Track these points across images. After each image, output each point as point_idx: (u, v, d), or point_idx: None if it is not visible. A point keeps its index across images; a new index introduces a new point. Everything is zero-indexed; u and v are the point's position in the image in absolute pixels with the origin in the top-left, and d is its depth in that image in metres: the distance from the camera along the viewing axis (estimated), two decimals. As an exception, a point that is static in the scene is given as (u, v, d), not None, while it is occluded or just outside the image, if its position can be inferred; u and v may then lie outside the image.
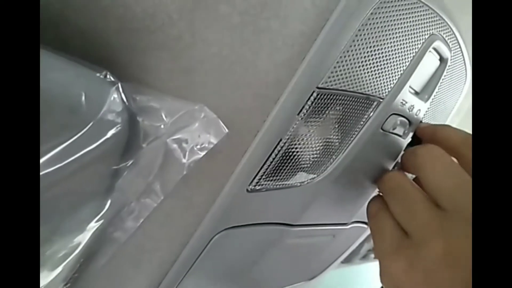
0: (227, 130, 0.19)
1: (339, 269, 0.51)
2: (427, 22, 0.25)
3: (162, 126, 0.19)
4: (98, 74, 0.16)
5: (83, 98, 0.14)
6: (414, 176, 0.29)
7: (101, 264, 0.23)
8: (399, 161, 0.30)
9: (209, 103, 0.19)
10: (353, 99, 0.24)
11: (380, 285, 0.26)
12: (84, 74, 0.15)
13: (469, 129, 0.35)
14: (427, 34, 0.26)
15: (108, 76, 0.16)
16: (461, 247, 0.21)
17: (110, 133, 0.16)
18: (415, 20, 0.24)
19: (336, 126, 0.25)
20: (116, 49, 0.17)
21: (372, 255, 0.57)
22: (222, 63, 0.19)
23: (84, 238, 0.20)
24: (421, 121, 0.31)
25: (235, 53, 0.19)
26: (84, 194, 0.18)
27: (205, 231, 0.24)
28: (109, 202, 0.20)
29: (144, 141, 0.20)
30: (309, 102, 0.22)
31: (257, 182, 0.24)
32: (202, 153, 0.20)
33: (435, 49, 0.27)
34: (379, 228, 0.27)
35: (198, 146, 0.20)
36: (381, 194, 0.29)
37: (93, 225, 0.20)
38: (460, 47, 0.30)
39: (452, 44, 0.28)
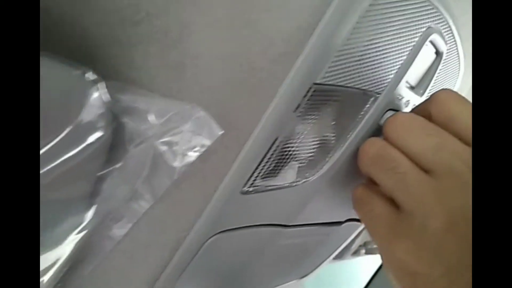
0: (221, 131, 0.18)
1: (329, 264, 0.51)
2: (425, 14, 0.24)
3: (150, 128, 0.18)
4: (77, 72, 0.14)
5: (59, 99, 0.13)
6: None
7: (86, 272, 0.22)
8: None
9: (201, 101, 0.18)
10: (350, 94, 0.23)
11: (366, 282, 0.25)
12: (60, 71, 0.14)
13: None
14: (425, 26, 0.25)
15: (89, 74, 0.15)
16: (460, 212, 0.20)
17: (92, 138, 0.15)
18: (413, 12, 0.23)
19: (333, 122, 0.24)
20: (99, 43, 0.16)
21: (363, 250, 0.56)
22: (214, 59, 0.18)
23: (67, 249, 0.19)
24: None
25: (227, 48, 0.18)
26: (66, 203, 0.17)
27: (197, 236, 0.23)
28: (93, 209, 0.18)
29: (131, 144, 0.18)
30: (306, 99, 0.21)
31: (251, 184, 0.23)
32: (195, 156, 0.18)
33: (431, 42, 0.27)
34: (371, 212, 0.24)
35: (190, 149, 0.18)
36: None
37: (76, 236, 0.18)
38: (455, 40, 0.29)
39: (447, 38, 0.28)
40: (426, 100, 0.25)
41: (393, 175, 0.23)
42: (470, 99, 0.39)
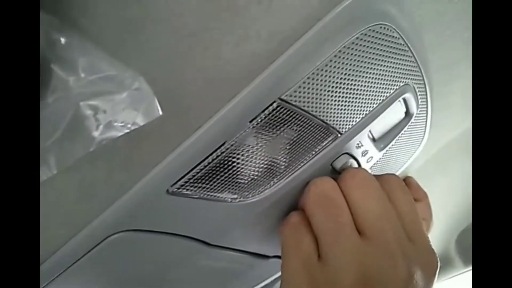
0: (161, 112, 0.15)
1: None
2: (406, 70, 0.24)
3: (77, 84, 0.15)
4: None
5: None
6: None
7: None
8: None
9: (147, 72, 0.15)
10: (313, 125, 0.22)
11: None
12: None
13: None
14: (402, 82, 0.24)
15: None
16: (374, 276, 0.21)
17: None
18: (396, 63, 0.22)
19: (287, 147, 0.23)
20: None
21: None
22: (179, 31, 0.16)
23: None
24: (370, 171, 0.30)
25: (198, 25, 0.16)
26: None
27: (101, 226, 0.19)
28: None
29: (51, 96, 0.15)
30: (266, 112, 0.19)
31: (182, 185, 0.20)
32: (121, 132, 0.16)
33: (404, 100, 0.26)
34: (299, 243, 0.24)
35: (118, 122, 0.15)
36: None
37: None
38: (427, 107, 0.29)
39: (421, 101, 0.28)
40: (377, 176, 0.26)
41: (331, 221, 0.23)
42: (427, 166, 0.40)
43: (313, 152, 0.24)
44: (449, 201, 0.52)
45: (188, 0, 0.15)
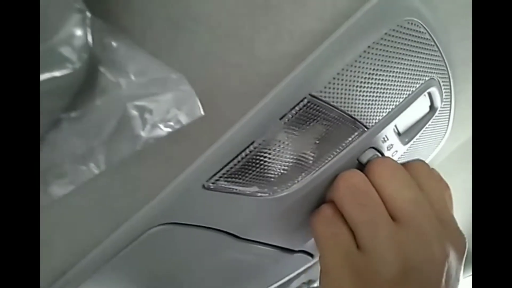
0: (202, 112, 0.16)
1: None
2: (431, 64, 0.24)
3: (126, 86, 0.16)
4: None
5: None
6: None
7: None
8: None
9: (189, 73, 0.16)
10: (341, 119, 0.22)
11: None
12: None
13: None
14: (428, 76, 0.25)
15: (75, 2, 0.13)
16: (416, 266, 0.22)
17: (58, 70, 0.13)
18: (423, 58, 0.23)
19: (316, 142, 0.23)
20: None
21: (305, 289, 0.55)
22: (216, 30, 0.16)
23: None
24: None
25: (233, 24, 0.17)
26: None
27: (142, 220, 0.21)
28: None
29: (100, 97, 0.16)
30: (297, 108, 0.20)
31: (216, 180, 0.21)
32: (166, 132, 0.17)
33: (429, 94, 0.27)
34: (334, 236, 0.24)
35: (164, 122, 0.16)
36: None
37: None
38: (450, 101, 0.29)
39: (445, 95, 0.28)
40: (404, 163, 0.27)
41: (364, 212, 0.23)
42: (447, 162, 0.40)
43: (340, 147, 0.25)
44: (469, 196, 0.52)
45: None
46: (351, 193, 0.24)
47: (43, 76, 0.13)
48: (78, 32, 0.13)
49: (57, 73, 0.13)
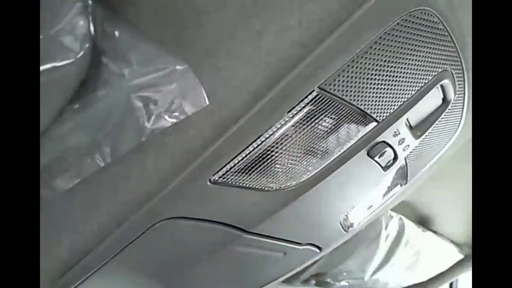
0: (207, 102, 0.16)
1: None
2: (445, 56, 0.23)
3: (130, 76, 0.16)
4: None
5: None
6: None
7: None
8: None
9: (193, 63, 0.16)
10: (351, 113, 0.22)
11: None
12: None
13: (446, 179, 0.33)
14: (441, 68, 0.24)
15: (79, -10, 0.12)
16: None
17: (60, 61, 0.13)
18: (436, 49, 0.22)
19: (325, 137, 0.23)
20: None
21: (313, 281, 0.55)
22: (222, 22, 0.16)
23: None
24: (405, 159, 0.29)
25: (241, 16, 0.16)
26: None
27: (149, 213, 0.20)
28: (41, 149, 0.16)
29: (103, 88, 0.16)
30: (305, 100, 0.19)
31: (223, 174, 0.21)
32: (171, 122, 0.16)
33: (442, 86, 0.26)
34: None
35: (169, 112, 0.16)
36: None
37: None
38: (464, 93, 0.28)
39: (458, 87, 0.27)
40: None
41: None
42: (467, 150, 0.39)
43: (350, 141, 0.24)
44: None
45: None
46: None
47: (45, 66, 0.12)
48: (80, 21, 0.12)
49: (59, 63, 0.13)
